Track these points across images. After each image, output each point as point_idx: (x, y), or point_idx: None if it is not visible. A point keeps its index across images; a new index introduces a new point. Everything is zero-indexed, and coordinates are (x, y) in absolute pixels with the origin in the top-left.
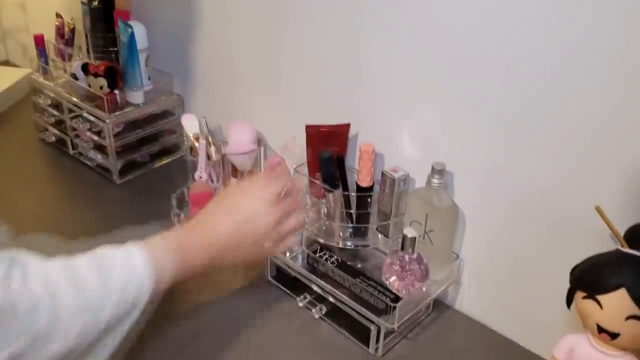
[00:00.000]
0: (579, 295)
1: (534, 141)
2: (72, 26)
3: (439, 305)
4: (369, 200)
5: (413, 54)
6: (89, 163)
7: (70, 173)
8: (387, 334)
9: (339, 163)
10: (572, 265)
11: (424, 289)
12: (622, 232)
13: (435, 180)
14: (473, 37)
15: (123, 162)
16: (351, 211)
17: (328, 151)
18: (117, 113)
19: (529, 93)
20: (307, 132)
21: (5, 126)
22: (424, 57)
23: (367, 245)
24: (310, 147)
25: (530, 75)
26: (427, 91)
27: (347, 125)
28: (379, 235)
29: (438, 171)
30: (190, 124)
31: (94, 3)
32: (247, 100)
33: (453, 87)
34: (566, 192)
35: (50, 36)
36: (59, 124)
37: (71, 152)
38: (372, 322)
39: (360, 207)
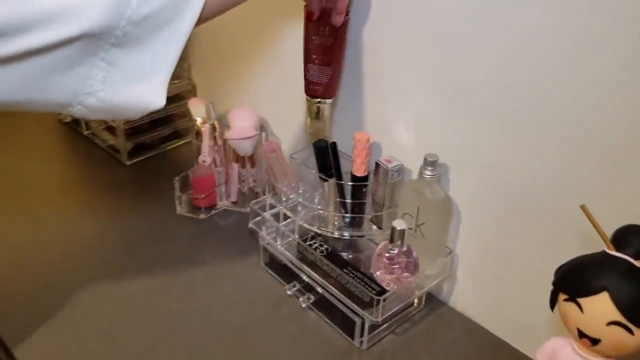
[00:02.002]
0: (562, 297)
1: (532, 137)
2: None
3: (433, 300)
4: (364, 190)
5: (410, 42)
6: (100, 143)
7: (82, 152)
8: (373, 328)
9: (332, 151)
10: None
11: (412, 283)
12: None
13: (428, 172)
14: (471, 29)
15: (133, 144)
16: (345, 200)
17: (324, 140)
18: None
19: (527, 87)
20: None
21: None
22: (421, 46)
23: (362, 236)
24: (307, 28)
25: (528, 69)
26: (424, 80)
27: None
28: (374, 226)
29: (430, 162)
30: (197, 108)
31: None
32: (255, 87)
33: (450, 78)
34: (564, 190)
35: None
36: None
37: (85, 132)
38: (357, 314)
39: (355, 197)
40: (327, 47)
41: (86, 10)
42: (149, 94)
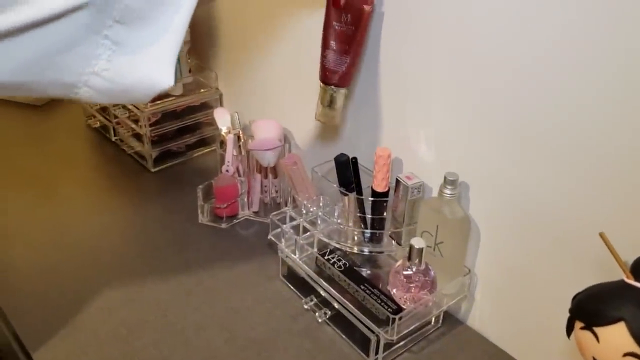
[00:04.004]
0: (578, 325)
1: (553, 160)
2: None
3: (450, 319)
4: (385, 205)
5: (435, 58)
6: (127, 150)
7: (109, 158)
8: (388, 345)
9: (353, 166)
10: None
11: (430, 302)
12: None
13: (447, 191)
14: (496, 47)
15: (158, 151)
16: (364, 215)
17: (345, 155)
18: (156, 102)
19: (550, 110)
20: None
21: (58, 111)
22: (445, 63)
23: (382, 252)
24: (328, 13)
25: (552, 91)
26: (447, 99)
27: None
28: (393, 243)
29: (450, 181)
30: (222, 118)
31: None
32: (280, 98)
33: (473, 97)
34: (584, 214)
35: None
36: (103, 110)
37: (113, 138)
38: (372, 331)
39: (376, 213)
40: (348, 36)
41: None
42: (156, 73)
